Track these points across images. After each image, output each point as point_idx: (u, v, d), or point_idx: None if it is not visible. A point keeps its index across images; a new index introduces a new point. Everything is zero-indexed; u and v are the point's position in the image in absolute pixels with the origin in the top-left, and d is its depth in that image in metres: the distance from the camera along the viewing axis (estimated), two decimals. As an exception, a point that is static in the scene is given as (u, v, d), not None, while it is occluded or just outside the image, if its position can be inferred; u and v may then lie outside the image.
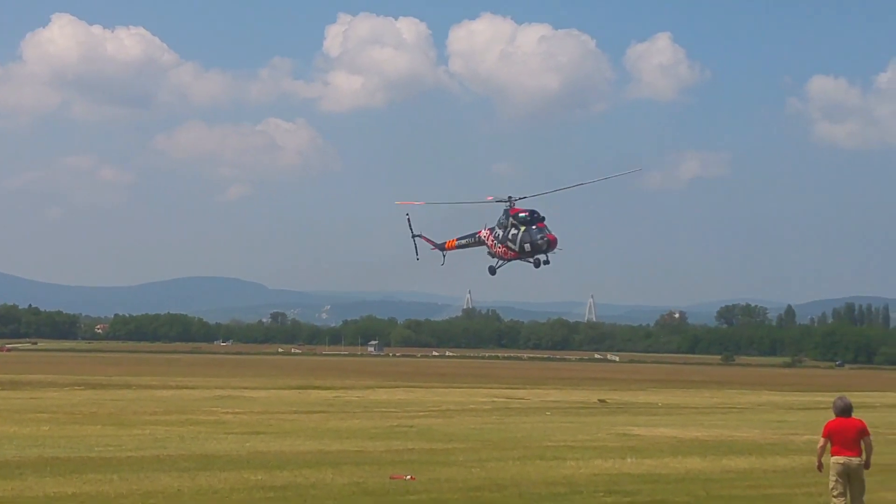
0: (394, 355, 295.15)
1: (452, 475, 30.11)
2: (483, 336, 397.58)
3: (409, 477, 29.05)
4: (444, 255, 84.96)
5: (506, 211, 77.19)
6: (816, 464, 22.46)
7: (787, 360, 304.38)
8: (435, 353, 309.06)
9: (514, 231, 75.57)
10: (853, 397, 24.37)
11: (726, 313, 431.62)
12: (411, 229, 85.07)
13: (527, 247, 74.39)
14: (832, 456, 21.96)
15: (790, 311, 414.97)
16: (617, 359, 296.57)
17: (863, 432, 22.12)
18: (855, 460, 21.90)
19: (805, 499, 26.24)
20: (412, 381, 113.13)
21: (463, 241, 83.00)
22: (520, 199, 76.77)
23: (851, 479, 21.85)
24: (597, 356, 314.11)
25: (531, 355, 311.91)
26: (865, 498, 22.15)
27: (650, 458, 36.14)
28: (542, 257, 76.20)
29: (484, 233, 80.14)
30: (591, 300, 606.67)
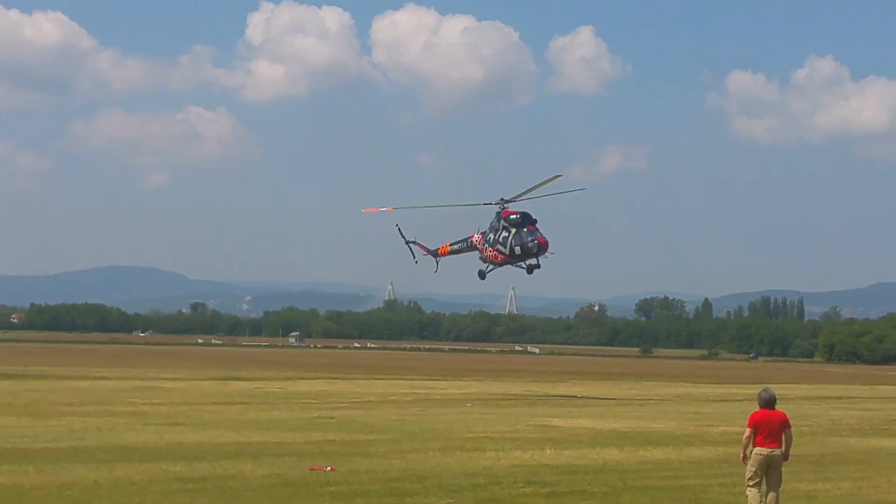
0: (315, 346, 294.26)
1: (372, 466, 30.19)
2: (405, 328, 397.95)
3: (328, 468, 29.09)
4: (437, 262, 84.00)
5: (497, 213, 75.28)
6: (741, 455, 22.67)
7: (704, 352, 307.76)
8: (356, 345, 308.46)
9: (504, 234, 73.61)
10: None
11: (645, 306, 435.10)
12: (403, 237, 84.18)
13: (517, 250, 72.63)
14: (756, 447, 22.21)
15: (707, 305, 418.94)
16: (537, 351, 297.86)
17: (785, 424, 22.42)
18: (777, 451, 22.19)
19: (720, 489, 26.58)
20: (333, 372, 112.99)
21: (456, 247, 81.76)
22: (510, 200, 74.93)
23: (770, 470, 22.14)
24: (517, 348, 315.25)
25: (452, 347, 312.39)
26: (780, 489, 22.49)
27: (569, 449, 36.43)
28: (533, 261, 74.04)
29: (476, 237, 77.99)
30: (511, 292, 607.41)
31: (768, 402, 22.57)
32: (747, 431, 22.49)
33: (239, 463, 30.03)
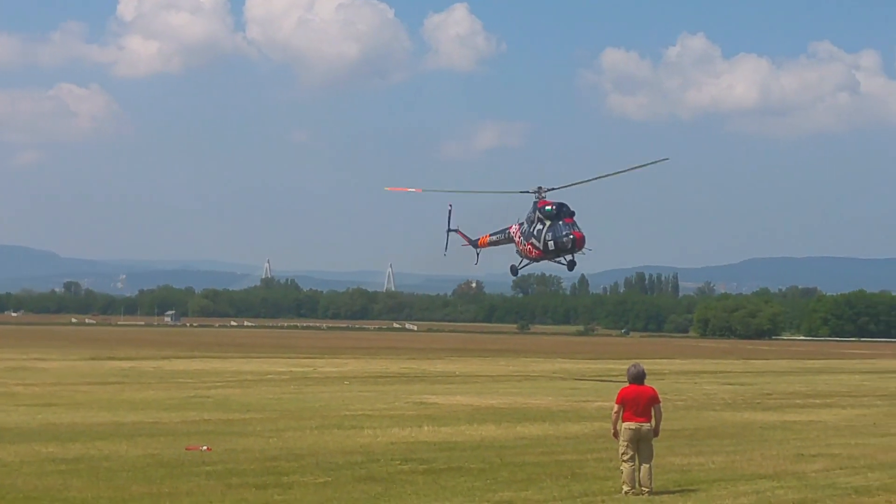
0: (191, 325, 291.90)
1: (249, 445, 30.00)
2: (282, 306, 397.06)
3: (204, 448, 28.84)
4: (477, 254, 78.67)
5: (534, 203, 70.19)
6: (612, 430, 22.97)
7: (581, 328, 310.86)
8: (233, 323, 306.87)
9: (539, 226, 68.53)
10: (643, 364, 25.00)
11: (522, 283, 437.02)
12: (449, 223, 79.05)
13: (551, 245, 67.56)
14: (624, 422, 22.48)
15: (583, 281, 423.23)
16: (415, 328, 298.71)
17: (654, 399, 22.73)
18: (645, 426, 22.45)
19: (596, 464, 26.83)
20: (210, 351, 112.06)
21: (494, 238, 76.25)
22: (549, 190, 69.77)
23: (641, 445, 22.39)
24: (395, 325, 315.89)
25: (330, 325, 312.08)
26: (654, 462, 22.75)
27: (446, 426, 36.54)
28: (569, 256, 68.61)
29: (514, 228, 72.98)
30: (389, 270, 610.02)
31: (637, 378, 22.86)
32: (616, 407, 22.77)
33: (113, 443, 29.65)
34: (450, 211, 77.81)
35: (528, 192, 69.74)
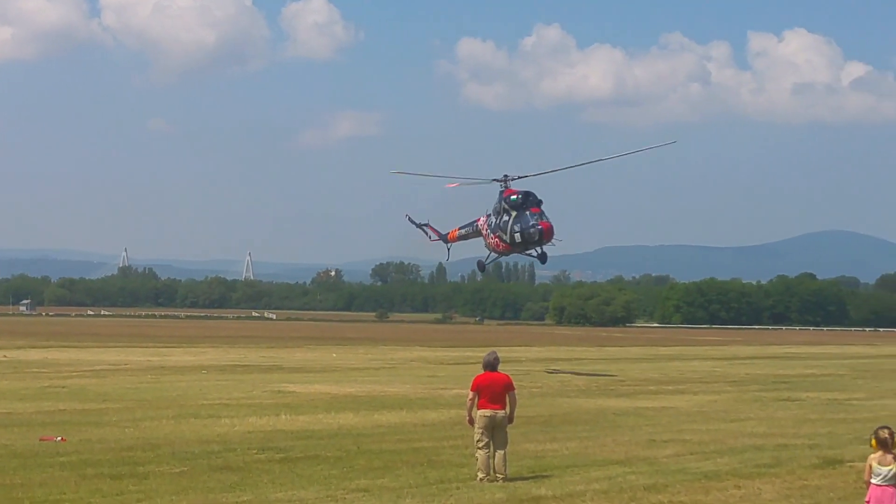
0: (47, 314, 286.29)
1: (105, 435, 29.78)
2: (139, 295, 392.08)
3: (59, 438, 28.56)
4: (448, 249, 73.89)
5: (500, 193, 64.94)
6: (467, 418, 23.24)
7: (439, 316, 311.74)
8: (90, 313, 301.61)
9: (505, 217, 63.35)
10: (500, 352, 25.35)
11: (381, 271, 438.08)
12: (414, 223, 75.12)
13: (517, 237, 62.47)
14: (479, 409, 22.70)
15: (441, 269, 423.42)
16: (274, 316, 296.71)
17: (508, 387, 22.92)
18: (500, 413, 22.70)
19: (452, 451, 27.11)
20: (66, 340, 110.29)
21: (462, 232, 71.48)
22: (515, 178, 64.51)
23: (495, 431, 22.65)
24: (254, 314, 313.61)
25: (188, 314, 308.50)
26: (509, 449, 23.07)
27: (304, 414, 36.62)
28: (539, 249, 63.55)
29: (482, 220, 67.68)
30: (248, 258, 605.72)
31: (491, 365, 23.12)
32: (470, 394, 22.97)
33: (-36, 435, 29.20)
34: (408, 217, 74.35)
35: (495, 180, 65.32)
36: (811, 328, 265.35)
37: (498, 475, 22.47)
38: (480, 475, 22.47)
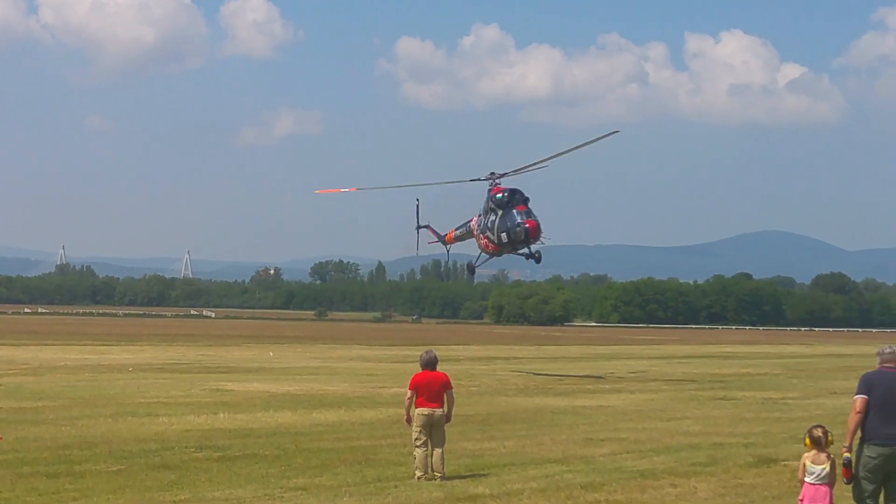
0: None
1: (41, 434, 29.59)
2: (77, 292, 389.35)
3: (-6, 437, 28.37)
4: (447, 251, 71.16)
5: (488, 192, 62.75)
6: (405, 416, 23.29)
7: (378, 314, 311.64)
8: (27, 310, 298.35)
9: (492, 217, 61.16)
10: (439, 351, 25.40)
11: (320, 269, 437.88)
12: (418, 220, 71.58)
13: (503, 237, 60.20)
14: (417, 408, 22.77)
15: (381, 268, 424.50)
16: (213, 315, 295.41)
17: (446, 385, 23.04)
18: (438, 412, 22.80)
19: (390, 450, 27.17)
20: (2, 338, 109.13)
21: (458, 232, 68.37)
22: (502, 175, 62.06)
23: (433, 430, 22.76)
24: (193, 312, 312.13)
25: (127, 312, 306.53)
26: (447, 448, 23.17)
27: (242, 412, 36.54)
28: (533, 248, 61.00)
29: (474, 221, 64.97)
30: (187, 256, 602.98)
31: (429, 364, 23.20)
32: (409, 393, 23.04)
33: None
34: (417, 206, 71.06)
35: (479, 179, 62.66)
36: (747, 328, 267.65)
37: (436, 474, 22.56)
38: (418, 474, 22.54)
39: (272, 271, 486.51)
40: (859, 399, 16.54)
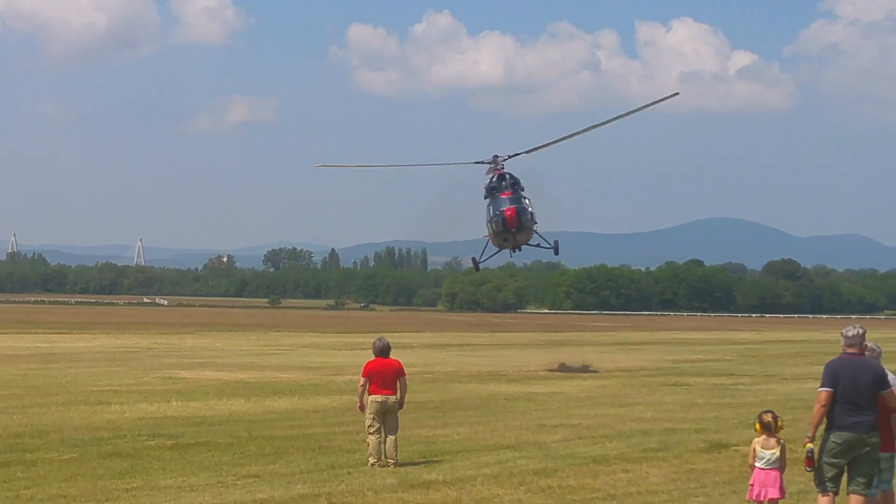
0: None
1: (-8, 423, 29.42)
2: (28, 280, 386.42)
3: (-55, 426, 28.19)
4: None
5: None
6: (358, 404, 23.31)
7: (331, 302, 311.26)
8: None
9: (488, 205, 55.37)
10: (393, 338, 25.39)
11: (273, 257, 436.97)
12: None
13: (491, 226, 54.68)
14: (371, 395, 22.81)
15: (334, 255, 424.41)
16: (165, 303, 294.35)
17: (399, 372, 23.10)
18: (391, 398, 22.86)
19: (343, 437, 27.19)
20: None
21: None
22: (510, 157, 56.03)
23: (386, 417, 22.80)
24: (146, 300, 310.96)
25: (79, 300, 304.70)
26: (400, 434, 23.23)
27: (196, 400, 36.45)
28: (542, 239, 56.03)
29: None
30: (139, 244, 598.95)
31: (382, 351, 23.24)
32: (362, 380, 23.08)
33: None
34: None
35: (482, 162, 56.45)
36: (699, 314, 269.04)
37: (389, 460, 22.60)
38: (372, 460, 22.58)
39: (225, 259, 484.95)
40: (824, 392, 16.35)
